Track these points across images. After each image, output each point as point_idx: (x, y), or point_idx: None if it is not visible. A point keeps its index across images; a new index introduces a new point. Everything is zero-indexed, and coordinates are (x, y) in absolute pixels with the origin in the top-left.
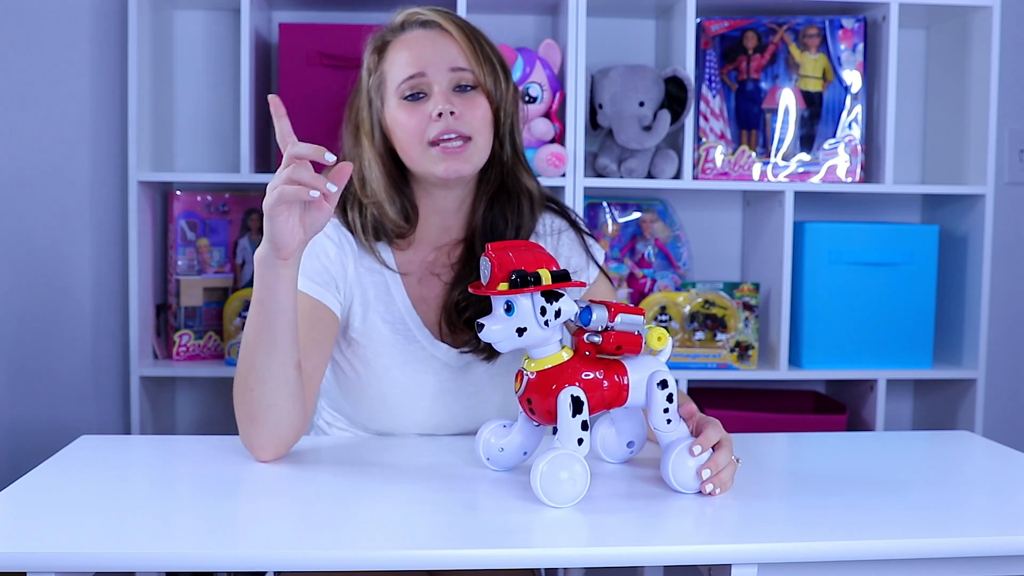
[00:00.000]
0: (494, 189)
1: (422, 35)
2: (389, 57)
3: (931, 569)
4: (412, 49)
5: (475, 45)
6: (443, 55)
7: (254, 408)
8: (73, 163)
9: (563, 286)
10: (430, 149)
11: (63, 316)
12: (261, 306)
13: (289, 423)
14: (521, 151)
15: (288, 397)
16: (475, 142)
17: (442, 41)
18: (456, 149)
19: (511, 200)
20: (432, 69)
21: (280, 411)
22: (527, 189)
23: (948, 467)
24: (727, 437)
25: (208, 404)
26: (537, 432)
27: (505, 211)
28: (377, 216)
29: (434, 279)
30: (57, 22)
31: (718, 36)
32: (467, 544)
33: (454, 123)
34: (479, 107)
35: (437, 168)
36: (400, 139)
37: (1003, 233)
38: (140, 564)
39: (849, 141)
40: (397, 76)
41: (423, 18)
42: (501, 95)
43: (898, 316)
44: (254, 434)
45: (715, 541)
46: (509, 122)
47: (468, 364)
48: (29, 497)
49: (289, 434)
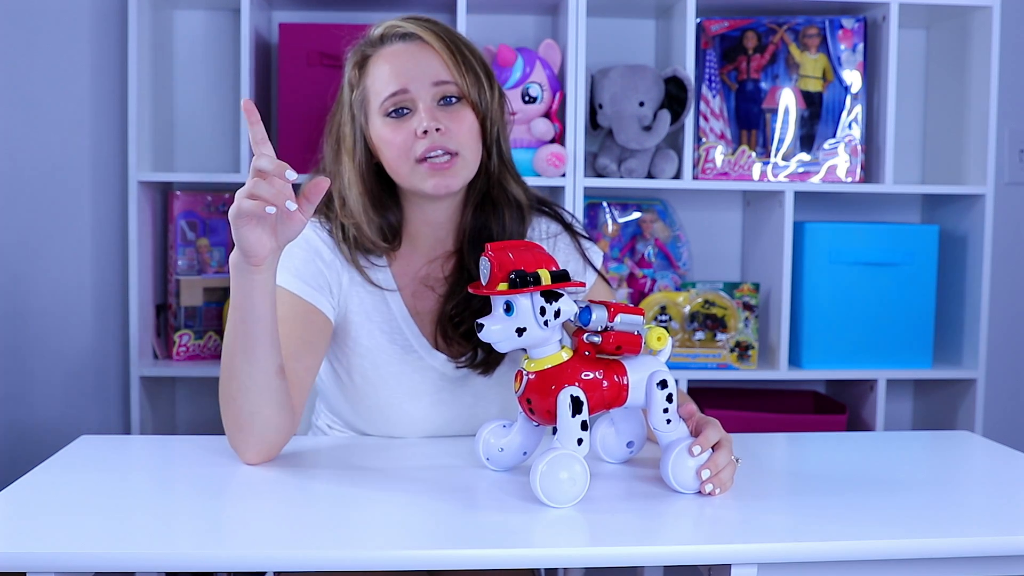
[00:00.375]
0: (479, 198)
1: (403, 49)
2: (371, 72)
3: (931, 569)
4: (393, 64)
5: (457, 56)
6: (425, 69)
7: (239, 416)
8: (73, 163)
9: (563, 286)
10: (417, 166)
11: (63, 316)
12: (238, 312)
13: (275, 428)
14: (508, 158)
15: (271, 404)
16: (462, 156)
17: (424, 54)
18: (443, 165)
19: (496, 209)
20: (415, 84)
21: (264, 418)
22: (513, 198)
23: (948, 467)
24: (727, 437)
25: (208, 404)
26: (537, 432)
27: (490, 220)
28: (356, 235)
29: (428, 291)
30: (57, 22)
31: (718, 36)
32: (467, 544)
33: (440, 139)
34: (464, 120)
35: (425, 185)
36: (387, 156)
37: (1003, 233)
38: (140, 564)
39: (849, 141)
40: (380, 92)
41: (403, 31)
42: (487, 104)
43: (898, 316)
44: (240, 439)
45: (715, 541)
46: (495, 130)
47: (466, 375)
48: (29, 497)
49: (276, 439)
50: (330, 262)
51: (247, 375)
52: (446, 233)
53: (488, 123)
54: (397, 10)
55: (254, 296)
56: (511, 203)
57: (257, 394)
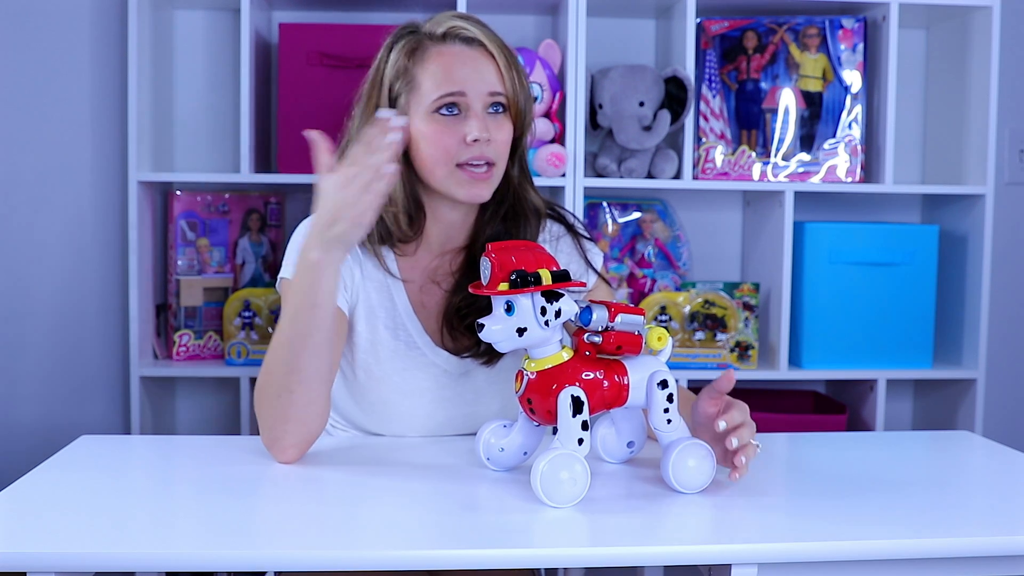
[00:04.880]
0: (504, 208)
1: (465, 52)
2: (425, 65)
3: (931, 569)
4: (455, 65)
5: (513, 70)
6: (484, 77)
7: (292, 408)
8: (73, 163)
9: (563, 286)
10: (456, 170)
11: (63, 316)
12: (314, 310)
13: (321, 420)
14: (527, 167)
15: (326, 395)
16: (497, 167)
17: (484, 62)
18: (482, 175)
19: (517, 219)
20: (472, 89)
21: (318, 408)
22: (534, 206)
23: (948, 467)
24: (751, 422)
25: (208, 404)
26: (537, 432)
27: (511, 229)
28: (386, 220)
29: (434, 287)
30: (57, 22)
31: (718, 36)
32: (467, 544)
33: (486, 149)
34: (505, 131)
35: (460, 191)
36: (425, 153)
37: (1003, 233)
38: (140, 564)
39: (849, 141)
40: (434, 88)
41: (467, 34)
42: (526, 120)
43: (898, 316)
44: (289, 433)
45: (715, 541)
46: (524, 143)
47: (468, 371)
48: (29, 497)
49: (317, 430)
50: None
51: (313, 368)
52: (459, 233)
53: (523, 139)
54: (397, 10)
55: (323, 287)
56: (532, 212)
57: (318, 384)
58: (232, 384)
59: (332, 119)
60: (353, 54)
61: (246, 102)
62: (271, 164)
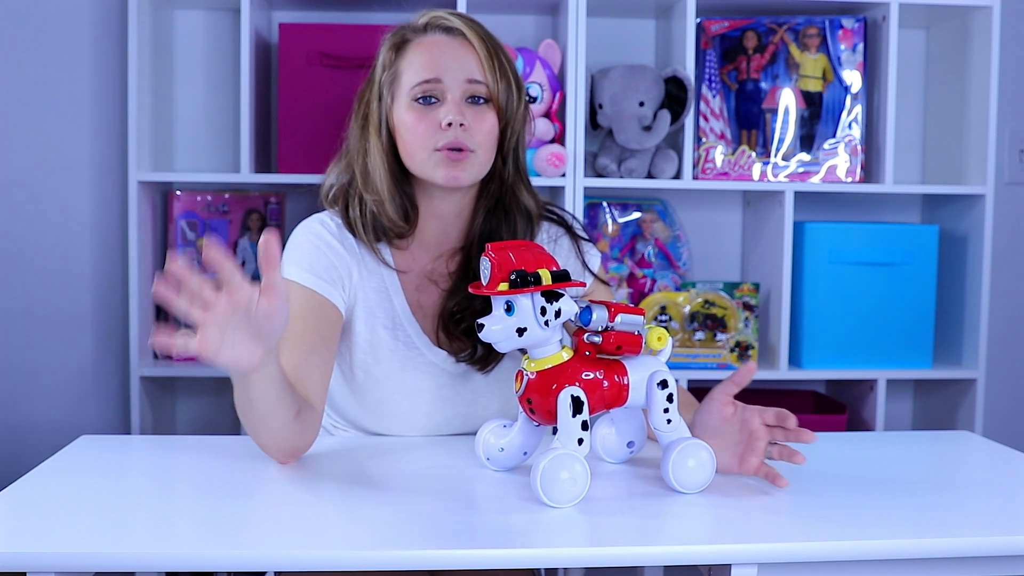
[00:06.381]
0: (492, 203)
1: (444, 41)
2: (407, 56)
3: (931, 569)
4: (432, 53)
5: (494, 60)
6: (462, 64)
7: (265, 444)
8: (73, 163)
9: (563, 286)
10: (434, 154)
11: (63, 316)
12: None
13: (303, 441)
14: (524, 169)
15: (296, 432)
16: (476, 155)
17: (463, 50)
18: (457, 157)
19: (507, 216)
20: (448, 76)
21: (292, 442)
22: (525, 207)
23: (948, 467)
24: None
25: (208, 404)
26: (537, 432)
27: (500, 226)
28: (376, 213)
29: (432, 286)
30: (57, 22)
31: (718, 36)
32: (467, 544)
33: (461, 135)
34: (487, 121)
35: (437, 174)
36: (406, 140)
37: (1003, 233)
38: (140, 564)
39: (849, 141)
40: (412, 77)
41: (447, 24)
42: (512, 112)
43: (898, 316)
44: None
45: (715, 541)
46: (515, 139)
47: (467, 371)
48: (29, 497)
49: (303, 445)
50: (341, 255)
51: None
52: (453, 230)
53: (509, 131)
54: (397, 10)
55: (256, 390)
56: (522, 212)
57: (281, 432)
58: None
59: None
60: (353, 54)
61: (246, 102)
62: (271, 164)
